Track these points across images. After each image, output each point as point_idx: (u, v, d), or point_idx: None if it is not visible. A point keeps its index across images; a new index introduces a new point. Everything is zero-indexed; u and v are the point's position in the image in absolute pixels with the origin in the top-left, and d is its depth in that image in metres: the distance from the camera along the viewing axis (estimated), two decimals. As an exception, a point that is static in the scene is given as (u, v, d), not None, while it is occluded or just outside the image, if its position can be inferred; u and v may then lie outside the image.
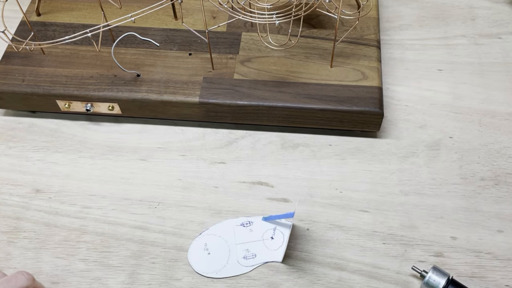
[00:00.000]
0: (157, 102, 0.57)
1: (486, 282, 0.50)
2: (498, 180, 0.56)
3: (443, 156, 0.58)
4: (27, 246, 0.52)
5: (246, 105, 0.56)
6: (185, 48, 0.61)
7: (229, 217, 0.54)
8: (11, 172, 0.57)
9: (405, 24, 0.69)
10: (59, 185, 0.56)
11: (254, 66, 0.59)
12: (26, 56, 0.60)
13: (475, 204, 0.54)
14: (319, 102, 0.56)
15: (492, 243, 0.52)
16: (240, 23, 0.63)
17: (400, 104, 0.62)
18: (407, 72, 0.64)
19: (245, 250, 0.52)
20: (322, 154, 0.58)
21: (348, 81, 0.57)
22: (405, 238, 0.52)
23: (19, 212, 0.55)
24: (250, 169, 0.57)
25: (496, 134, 0.59)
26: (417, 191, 0.55)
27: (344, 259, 0.51)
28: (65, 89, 0.58)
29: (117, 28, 0.59)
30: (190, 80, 0.58)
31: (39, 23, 0.64)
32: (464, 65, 0.65)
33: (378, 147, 0.59)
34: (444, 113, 0.61)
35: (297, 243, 0.52)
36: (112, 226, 0.53)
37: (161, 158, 0.58)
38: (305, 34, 0.62)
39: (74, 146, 0.59)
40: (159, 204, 0.55)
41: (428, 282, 0.47)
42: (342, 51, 0.60)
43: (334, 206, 0.55)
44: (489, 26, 0.69)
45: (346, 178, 0.56)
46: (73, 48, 0.61)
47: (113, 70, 0.59)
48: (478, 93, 0.62)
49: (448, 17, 0.70)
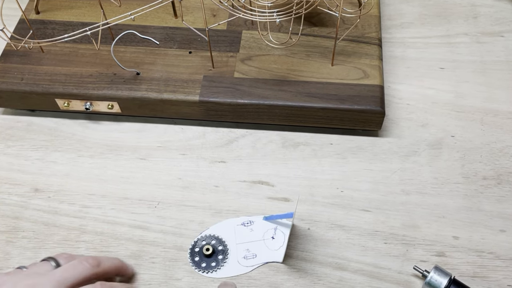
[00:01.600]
0: (157, 101, 0.57)
1: (488, 282, 0.50)
2: (500, 179, 0.56)
3: (445, 155, 0.57)
4: (26, 245, 0.52)
5: (247, 103, 0.56)
6: (185, 47, 0.61)
7: (229, 216, 0.54)
8: (10, 171, 0.57)
9: (406, 22, 0.69)
10: (58, 184, 0.56)
11: (255, 64, 0.59)
12: (25, 54, 0.60)
13: (477, 203, 0.54)
14: (320, 100, 0.56)
15: (494, 242, 0.52)
16: (241, 21, 0.63)
17: (402, 103, 0.61)
18: (409, 71, 0.64)
19: (245, 250, 0.51)
20: (323, 153, 0.58)
21: (349, 80, 0.57)
22: (407, 237, 0.52)
23: (18, 211, 0.54)
24: (251, 168, 0.57)
25: (498, 133, 0.59)
26: (419, 190, 0.55)
27: (345, 259, 0.51)
28: (64, 87, 0.57)
29: (116, 26, 0.59)
30: (190, 79, 0.58)
31: (38, 21, 0.63)
32: (466, 64, 0.64)
33: (379, 146, 0.58)
34: (446, 111, 0.61)
35: (298, 243, 0.52)
36: (111, 226, 0.53)
37: (161, 157, 0.58)
38: (306, 32, 0.62)
39: (73, 145, 0.59)
40: (159, 203, 0.55)
41: (430, 282, 0.47)
42: (343, 50, 0.60)
43: (335, 205, 0.54)
44: (491, 24, 0.68)
45: (347, 177, 0.56)
46: (72, 47, 0.61)
47: (113, 69, 0.59)
48: (481, 91, 0.62)
49: (450, 15, 0.69)
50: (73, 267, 0.43)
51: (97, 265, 0.44)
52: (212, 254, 0.51)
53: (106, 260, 0.46)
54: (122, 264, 0.48)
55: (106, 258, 0.47)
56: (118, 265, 0.47)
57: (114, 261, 0.47)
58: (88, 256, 0.45)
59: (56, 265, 0.44)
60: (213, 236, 0.52)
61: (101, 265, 0.44)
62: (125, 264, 0.49)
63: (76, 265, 0.43)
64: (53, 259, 0.45)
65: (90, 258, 0.44)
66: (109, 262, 0.46)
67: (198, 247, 0.52)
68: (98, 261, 0.44)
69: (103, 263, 0.45)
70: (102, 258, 0.46)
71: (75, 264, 0.43)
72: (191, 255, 0.51)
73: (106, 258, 0.46)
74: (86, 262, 0.43)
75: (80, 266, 0.43)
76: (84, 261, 0.43)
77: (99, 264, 0.44)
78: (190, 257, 0.51)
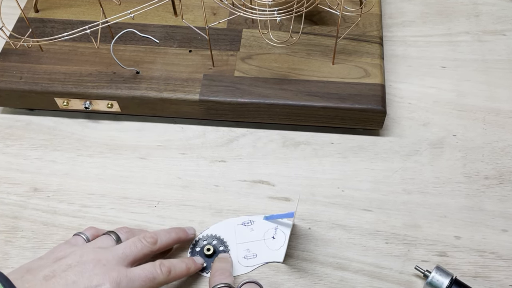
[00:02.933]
0: (157, 100, 0.57)
1: (490, 282, 0.49)
2: (502, 178, 0.55)
3: (446, 154, 0.57)
4: (25, 245, 0.52)
5: (247, 102, 0.56)
6: (185, 45, 0.61)
7: (229, 216, 0.53)
8: (9, 171, 0.57)
9: (408, 21, 0.68)
10: (58, 184, 0.56)
11: (255, 63, 0.59)
12: (24, 53, 0.60)
13: (479, 203, 0.54)
14: (321, 99, 0.55)
15: (496, 242, 0.51)
16: (241, 19, 0.62)
17: (403, 102, 0.61)
18: (410, 69, 0.64)
19: (246, 250, 0.51)
20: (324, 152, 0.58)
21: (350, 79, 0.57)
22: (408, 237, 0.52)
23: (16, 211, 0.54)
24: (251, 168, 0.57)
25: (500, 132, 0.59)
26: (420, 190, 0.55)
27: (346, 258, 0.51)
28: (64, 86, 0.57)
29: (116, 24, 0.58)
30: (190, 78, 0.58)
31: (37, 20, 0.63)
32: (468, 62, 0.64)
33: (380, 145, 0.58)
34: (447, 110, 0.60)
35: (299, 243, 0.52)
36: (111, 225, 0.53)
37: (160, 157, 0.58)
38: (306, 31, 0.61)
39: (73, 144, 0.59)
40: (159, 203, 0.54)
41: (431, 282, 0.47)
42: (344, 48, 0.59)
43: (336, 205, 0.54)
44: (493, 22, 0.68)
45: (348, 177, 0.56)
46: (71, 45, 0.61)
47: (112, 67, 0.58)
48: (482, 90, 0.62)
49: (451, 14, 0.69)
50: (134, 244, 0.45)
51: (154, 242, 0.47)
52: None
53: (163, 235, 0.48)
54: (180, 234, 0.50)
55: (163, 232, 0.49)
56: (175, 237, 0.49)
57: (172, 234, 0.49)
58: (146, 233, 0.47)
59: (116, 239, 0.47)
60: (214, 236, 0.52)
61: (157, 242, 0.47)
62: (185, 231, 0.51)
63: (136, 243, 0.46)
64: (114, 233, 0.47)
65: (148, 236, 0.47)
66: (166, 237, 0.48)
67: (199, 247, 0.51)
68: (155, 238, 0.47)
69: (160, 240, 0.47)
70: (160, 234, 0.48)
71: (135, 242, 0.46)
72: (192, 254, 0.51)
73: (163, 233, 0.48)
74: (145, 241, 0.46)
75: (139, 244, 0.46)
76: (143, 239, 0.46)
77: (156, 242, 0.47)
78: (191, 256, 0.51)
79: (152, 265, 0.44)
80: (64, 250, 0.44)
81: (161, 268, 0.44)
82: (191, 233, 0.51)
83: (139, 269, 0.43)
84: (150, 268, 0.44)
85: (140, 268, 0.44)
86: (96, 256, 0.43)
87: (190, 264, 0.48)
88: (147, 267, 0.44)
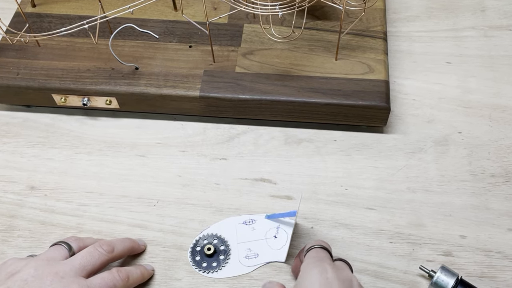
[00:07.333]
0: (156, 96, 0.56)
1: (496, 282, 0.49)
2: (508, 176, 0.55)
3: (451, 152, 0.57)
4: (21, 245, 0.51)
5: (248, 99, 0.55)
6: (185, 40, 0.60)
7: (230, 215, 0.53)
8: (5, 169, 0.56)
9: (412, 16, 0.68)
10: (55, 182, 0.55)
11: (257, 59, 0.58)
12: (20, 48, 0.59)
13: (485, 201, 0.53)
14: (323, 96, 0.55)
15: (502, 241, 0.51)
16: (242, 14, 0.62)
17: (408, 98, 0.61)
18: (415, 65, 0.63)
19: (247, 250, 0.50)
20: (326, 150, 0.57)
21: (354, 75, 0.56)
22: (413, 236, 0.51)
23: (13, 209, 0.54)
24: (252, 166, 0.56)
25: (506, 129, 0.58)
26: (425, 188, 0.54)
27: (349, 258, 0.50)
28: (61, 82, 0.57)
29: (115, 19, 0.58)
30: (190, 73, 0.57)
31: (34, 15, 0.63)
32: (473, 58, 0.64)
33: (384, 142, 0.58)
34: (453, 107, 0.60)
35: (301, 242, 0.51)
36: (110, 224, 0.52)
37: (160, 154, 0.57)
38: (309, 26, 0.61)
39: (71, 141, 0.58)
40: (158, 201, 0.54)
41: (436, 282, 0.47)
42: (347, 44, 0.59)
43: (339, 203, 0.54)
44: (499, 17, 0.67)
45: (352, 175, 0.55)
46: (69, 40, 0.60)
47: (111, 63, 0.58)
48: (488, 86, 0.61)
49: (457, 8, 0.68)
50: (90, 254, 0.45)
51: (111, 251, 0.46)
52: (214, 254, 0.50)
53: (119, 244, 0.48)
54: (133, 244, 0.50)
55: (118, 241, 0.48)
56: (129, 246, 0.49)
57: (126, 243, 0.49)
58: (102, 241, 0.47)
59: (68, 249, 0.46)
60: (215, 235, 0.51)
61: (114, 250, 0.47)
62: (136, 242, 0.50)
63: (92, 252, 0.45)
64: (65, 243, 0.46)
65: (104, 244, 0.46)
66: (121, 246, 0.48)
67: (200, 246, 0.51)
68: (112, 246, 0.46)
69: (117, 248, 0.47)
70: (115, 243, 0.47)
71: (91, 251, 0.45)
72: (192, 254, 0.50)
73: (118, 242, 0.48)
74: (101, 249, 0.45)
75: (96, 253, 0.45)
76: (99, 247, 0.46)
77: (113, 250, 0.46)
78: (191, 256, 0.50)
79: (110, 273, 0.44)
80: (15, 264, 0.42)
81: (119, 275, 0.44)
82: (142, 244, 0.51)
83: (98, 278, 0.43)
84: (109, 276, 0.44)
85: (99, 277, 0.43)
86: (52, 269, 0.42)
87: (143, 270, 0.48)
88: (106, 275, 0.44)
